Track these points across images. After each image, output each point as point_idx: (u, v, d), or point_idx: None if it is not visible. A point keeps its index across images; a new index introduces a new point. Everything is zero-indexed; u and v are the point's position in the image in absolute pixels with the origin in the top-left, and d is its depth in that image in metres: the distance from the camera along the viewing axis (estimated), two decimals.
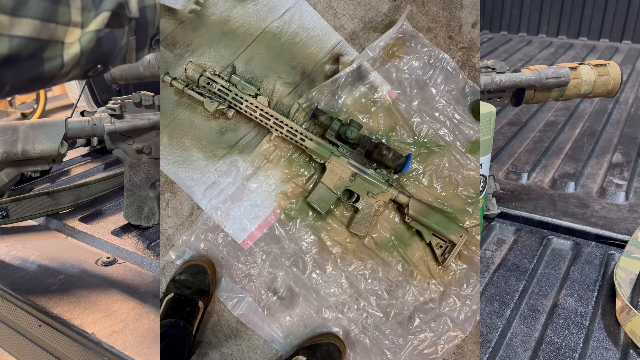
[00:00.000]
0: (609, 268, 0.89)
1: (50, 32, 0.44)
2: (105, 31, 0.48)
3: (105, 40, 0.49)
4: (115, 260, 0.95)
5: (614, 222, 1.00)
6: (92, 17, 0.47)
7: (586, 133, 1.42)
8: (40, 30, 0.43)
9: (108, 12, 0.48)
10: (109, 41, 0.49)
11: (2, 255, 0.97)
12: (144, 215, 1.03)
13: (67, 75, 0.49)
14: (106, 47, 0.49)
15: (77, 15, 0.46)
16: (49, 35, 0.44)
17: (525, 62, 2.08)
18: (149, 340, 0.75)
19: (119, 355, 0.73)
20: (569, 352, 0.72)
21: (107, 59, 0.51)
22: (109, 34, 0.49)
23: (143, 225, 1.05)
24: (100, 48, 0.49)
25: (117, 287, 0.87)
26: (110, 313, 0.81)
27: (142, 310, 0.82)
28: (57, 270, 0.92)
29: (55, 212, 1.07)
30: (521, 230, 1.00)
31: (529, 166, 1.23)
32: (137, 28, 0.52)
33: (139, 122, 0.97)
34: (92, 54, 0.48)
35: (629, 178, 1.17)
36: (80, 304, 0.83)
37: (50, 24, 0.44)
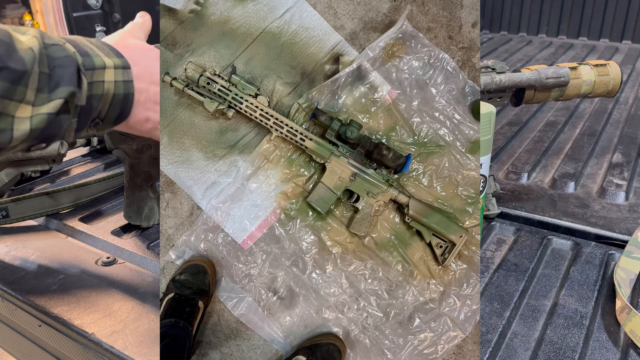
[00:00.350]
0: (609, 268, 0.89)
1: (3, 107, 0.48)
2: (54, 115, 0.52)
3: (53, 123, 0.53)
4: (115, 260, 0.95)
5: (614, 222, 1.00)
6: (44, 99, 0.51)
7: (586, 133, 1.42)
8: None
9: (61, 100, 0.52)
10: (56, 124, 0.53)
11: (2, 255, 0.97)
12: (144, 215, 1.03)
13: (14, 149, 0.53)
14: (53, 129, 0.53)
15: (31, 95, 0.50)
16: (2, 108, 0.48)
17: (525, 62, 2.08)
18: (149, 340, 0.75)
19: (119, 355, 0.73)
20: (569, 352, 0.72)
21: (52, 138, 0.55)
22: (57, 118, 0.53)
23: (143, 225, 1.05)
24: (48, 130, 0.53)
25: (117, 287, 0.87)
26: (110, 313, 0.81)
27: (142, 310, 0.82)
28: (57, 270, 0.92)
29: (55, 212, 1.07)
30: (521, 230, 1.00)
31: (529, 166, 1.23)
32: (80, 113, 0.56)
33: None
34: (39, 134, 0.52)
35: (629, 178, 1.17)
36: (80, 304, 0.83)
37: (4, 100, 0.48)
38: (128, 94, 0.60)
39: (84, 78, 0.54)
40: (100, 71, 0.56)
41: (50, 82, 0.51)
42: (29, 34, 0.52)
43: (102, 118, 0.59)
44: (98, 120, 0.59)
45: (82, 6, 1.47)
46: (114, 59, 0.58)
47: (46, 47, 0.52)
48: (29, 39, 0.51)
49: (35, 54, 0.50)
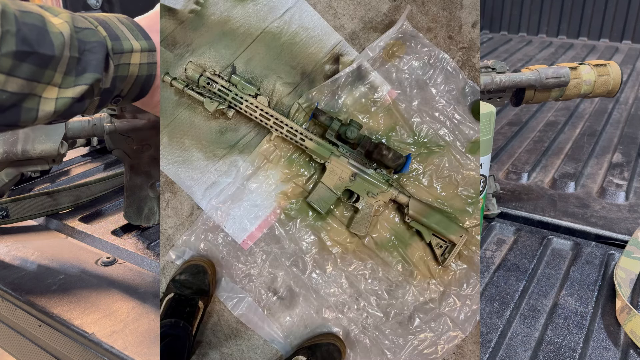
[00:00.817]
0: (609, 268, 0.89)
1: (32, 88, 0.51)
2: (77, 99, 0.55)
3: (76, 105, 0.55)
4: (115, 260, 0.95)
5: (614, 222, 1.00)
6: (70, 82, 0.53)
7: (586, 133, 1.42)
8: (24, 86, 0.50)
9: (86, 86, 0.54)
10: (79, 106, 0.56)
11: (2, 255, 0.97)
12: (144, 215, 1.03)
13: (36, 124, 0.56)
14: (74, 110, 0.56)
15: (59, 78, 0.52)
16: (30, 89, 0.51)
17: (525, 62, 2.08)
18: (149, 340, 0.75)
19: (119, 355, 0.73)
20: (569, 352, 0.72)
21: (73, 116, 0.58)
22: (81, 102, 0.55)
23: (143, 225, 1.05)
24: (71, 110, 0.55)
25: (117, 287, 0.87)
26: (110, 313, 0.81)
27: (142, 310, 0.82)
28: (57, 270, 0.92)
29: (55, 212, 1.07)
30: (521, 230, 1.00)
31: (529, 166, 1.23)
32: (103, 92, 0.58)
33: (138, 122, 0.97)
34: (62, 115, 0.55)
35: (629, 178, 1.17)
36: (80, 304, 0.83)
37: (34, 82, 0.50)
38: (150, 75, 0.62)
39: (111, 62, 0.56)
40: (127, 54, 0.58)
41: (78, 66, 0.53)
42: (61, 17, 0.53)
43: (123, 95, 0.61)
44: (119, 98, 0.61)
45: (82, 6, 1.47)
46: (141, 41, 0.59)
47: (77, 32, 0.53)
48: (61, 23, 0.52)
49: (66, 39, 0.51)
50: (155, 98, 0.65)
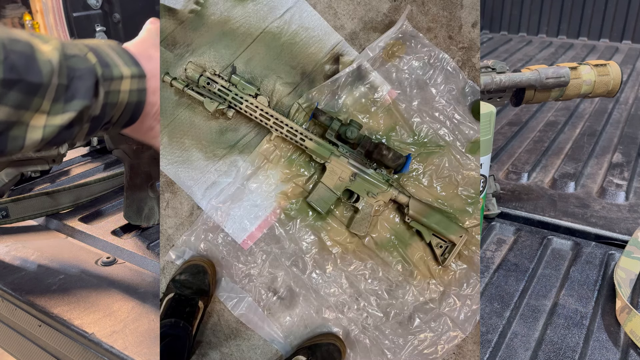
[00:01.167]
0: (609, 268, 0.89)
1: (19, 116, 0.50)
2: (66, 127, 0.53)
3: (64, 132, 0.54)
4: (115, 260, 0.95)
5: (614, 222, 1.00)
6: (59, 110, 0.52)
7: (586, 133, 1.42)
8: (11, 115, 0.49)
9: (74, 113, 0.53)
10: (68, 133, 0.55)
11: (2, 255, 0.97)
12: (144, 215, 1.03)
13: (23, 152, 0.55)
14: (63, 138, 0.55)
15: (47, 105, 0.51)
16: (17, 117, 0.49)
17: (525, 62, 2.08)
18: (149, 340, 0.75)
19: (119, 355, 0.73)
20: (569, 352, 0.72)
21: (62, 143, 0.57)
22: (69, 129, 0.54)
23: (143, 225, 1.05)
24: (59, 138, 0.54)
25: (117, 287, 0.87)
26: (110, 313, 0.81)
27: (142, 310, 0.82)
28: (57, 270, 0.92)
29: (55, 212, 1.07)
30: (521, 230, 1.00)
31: (529, 166, 1.23)
32: (93, 119, 0.57)
33: None
34: (49, 143, 0.54)
35: (629, 178, 1.17)
36: (80, 304, 0.83)
37: (20, 110, 0.49)
38: (140, 101, 0.60)
39: (101, 89, 0.55)
40: (117, 81, 0.57)
41: (66, 93, 0.52)
42: (51, 44, 0.52)
43: (114, 122, 0.60)
44: (109, 124, 0.60)
45: (82, 6, 1.47)
46: (132, 68, 0.59)
47: (67, 59, 0.52)
48: (51, 50, 0.51)
49: (54, 67, 0.51)
50: (145, 124, 0.63)
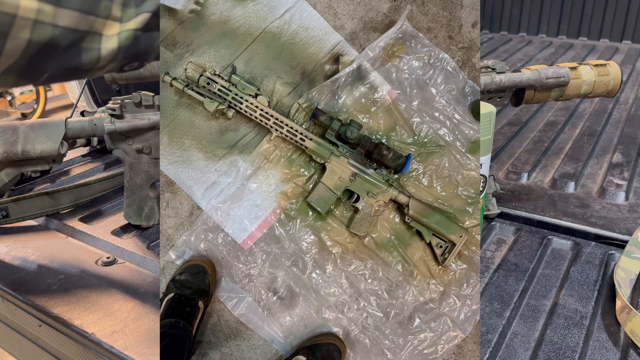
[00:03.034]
0: (609, 268, 0.89)
1: (90, 24, 0.46)
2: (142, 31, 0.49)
3: (142, 38, 0.50)
4: (115, 260, 0.95)
5: (614, 222, 1.00)
6: (132, 14, 0.48)
7: (586, 133, 1.42)
8: (79, 21, 0.45)
9: (149, 14, 0.49)
10: (147, 40, 0.51)
11: (2, 255, 0.97)
12: (144, 215, 1.03)
13: (104, 69, 0.50)
14: (143, 45, 0.51)
15: (118, 11, 0.47)
16: (88, 26, 0.46)
17: (525, 62, 2.08)
18: (149, 340, 0.75)
19: (119, 355, 0.73)
20: (569, 352, 0.72)
21: (144, 56, 0.52)
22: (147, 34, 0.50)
23: (143, 225, 1.05)
24: (138, 45, 0.50)
25: (117, 287, 0.87)
26: (110, 313, 0.81)
27: (142, 310, 0.82)
28: (57, 270, 0.92)
29: (55, 212, 1.07)
30: (521, 230, 1.00)
31: (529, 166, 1.23)
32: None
33: (139, 122, 0.97)
34: (128, 50, 0.50)
35: (629, 178, 1.17)
36: (80, 304, 0.83)
37: (90, 16, 0.45)
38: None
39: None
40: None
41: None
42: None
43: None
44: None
45: None
46: None
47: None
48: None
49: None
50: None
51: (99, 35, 0.47)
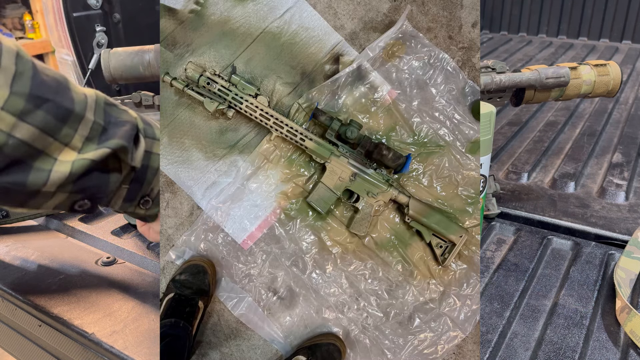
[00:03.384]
0: (609, 268, 0.89)
1: (46, 144, 0.45)
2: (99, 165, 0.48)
3: (97, 175, 0.49)
4: (115, 260, 0.95)
5: (614, 222, 1.00)
6: (92, 149, 0.47)
7: (586, 133, 1.42)
8: (36, 138, 0.44)
9: (109, 150, 0.48)
10: (100, 178, 0.49)
11: (2, 255, 0.97)
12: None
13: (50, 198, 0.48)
14: (95, 182, 0.49)
15: (79, 142, 0.47)
16: (43, 146, 0.45)
17: (525, 62, 2.08)
18: (149, 340, 0.75)
19: (119, 355, 0.73)
20: (569, 352, 0.72)
21: (95, 195, 0.51)
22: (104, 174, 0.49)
23: None
24: (90, 180, 0.48)
25: (117, 287, 0.87)
26: (110, 313, 0.81)
27: (142, 310, 0.82)
28: (57, 270, 0.92)
29: (55, 212, 1.07)
30: (521, 230, 1.00)
31: (529, 166, 1.23)
32: (132, 180, 0.52)
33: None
34: (80, 183, 0.48)
35: (629, 178, 1.17)
36: (80, 304, 0.83)
37: (48, 137, 0.45)
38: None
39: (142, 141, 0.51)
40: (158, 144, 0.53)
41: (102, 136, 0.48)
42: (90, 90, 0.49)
43: (152, 198, 0.56)
44: (148, 199, 0.55)
45: (82, 6, 1.47)
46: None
47: (107, 104, 0.50)
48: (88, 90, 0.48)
49: (89, 103, 0.47)
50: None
51: (53, 159, 0.46)
